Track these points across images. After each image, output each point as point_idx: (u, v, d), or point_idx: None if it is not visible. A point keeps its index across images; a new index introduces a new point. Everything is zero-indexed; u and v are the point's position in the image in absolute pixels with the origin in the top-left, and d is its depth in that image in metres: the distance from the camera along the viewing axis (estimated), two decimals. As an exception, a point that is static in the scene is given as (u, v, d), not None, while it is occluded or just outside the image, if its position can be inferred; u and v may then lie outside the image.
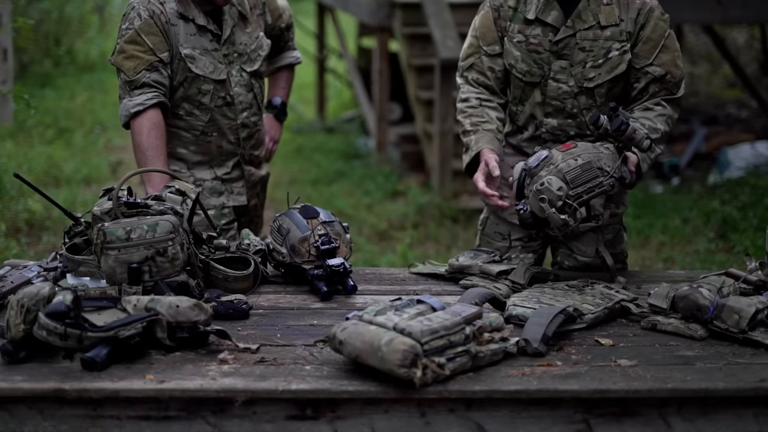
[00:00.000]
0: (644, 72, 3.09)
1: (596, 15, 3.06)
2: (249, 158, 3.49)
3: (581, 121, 3.13)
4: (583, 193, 2.75)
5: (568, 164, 2.75)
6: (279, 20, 3.56)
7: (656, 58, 3.09)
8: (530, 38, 3.10)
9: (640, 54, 3.09)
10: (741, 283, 2.69)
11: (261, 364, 2.29)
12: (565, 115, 3.14)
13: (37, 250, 5.89)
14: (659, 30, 3.09)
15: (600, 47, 3.07)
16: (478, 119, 3.11)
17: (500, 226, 3.24)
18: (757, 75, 10.97)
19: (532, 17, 3.09)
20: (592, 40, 3.07)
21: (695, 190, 7.41)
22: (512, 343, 2.33)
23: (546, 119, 3.15)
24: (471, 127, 3.10)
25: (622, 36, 3.07)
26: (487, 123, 3.10)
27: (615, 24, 3.07)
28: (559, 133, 3.16)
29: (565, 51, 3.09)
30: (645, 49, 3.09)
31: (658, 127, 3.03)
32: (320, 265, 2.80)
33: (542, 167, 2.76)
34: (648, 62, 3.09)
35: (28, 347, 2.26)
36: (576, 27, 3.07)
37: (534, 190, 2.72)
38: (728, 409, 2.22)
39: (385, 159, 8.45)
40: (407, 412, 2.18)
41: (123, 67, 3.20)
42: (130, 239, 2.54)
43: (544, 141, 3.19)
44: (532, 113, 3.18)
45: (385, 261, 6.05)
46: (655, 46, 3.09)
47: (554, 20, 3.08)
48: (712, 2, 7.38)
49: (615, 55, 3.08)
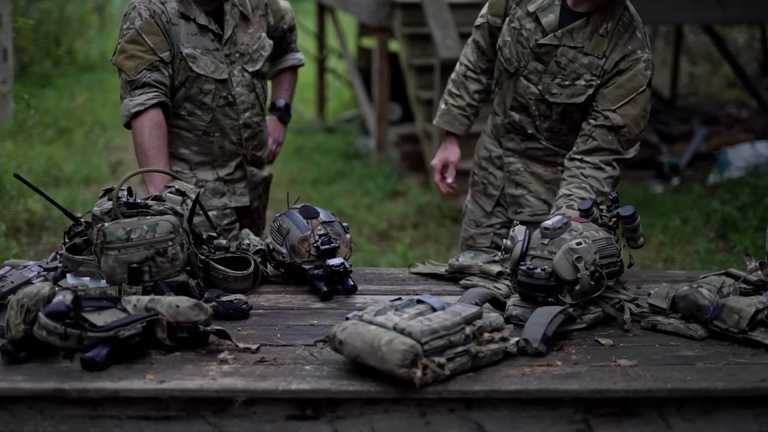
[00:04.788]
0: (604, 115, 3.03)
1: (585, 40, 3.06)
2: (251, 159, 3.49)
3: (538, 125, 3.22)
4: (609, 264, 2.57)
5: (592, 234, 2.58)
6: (281, 21, 3.56)
7: (621, 107, 3.02)
8: (523, 29, 3.14)
9: (607, 97, 3.03)
10: (741, 283, 2.69)
11: (261, 364, 2.29)
12: (526, 114, 3.22)
13: (37, 250, 5.89)
14: (635, 82, 3.03)
15: (573, 70, 3.08)
16: (454, 90, 3.43)
17: (474, 213, 3.48)
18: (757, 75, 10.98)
19: (531, 10, 3.12)
20: (569, 59, 3.08)
21: (695, 190, 7.41)
22: (512, 343, 2.33)
23: (510, 111, 3.23)
24: (447, 95, 3.46)
25: (597, 70, 3.05)
26: (459, 98, 3.41)
27: (598, 56, 3.05)
28: (519, 129, 3.27)
29: (544, 56, 3.11)
30: (614, 94, 3.03)
31: (605, 190, 3.01)
32: (320, 265, 2.80)
33: (564, 230, 2.58)
34: (611, 107, 3.03)
35: (28, 347, 2.26)
36: (562, 41, 3.08)
37: (567, 249, 2.50)
38: (728, 409, 2.22)
39: (385, 159, 8.45)
40: (407, 412, 2.18)
41: (124, 66, 3.20)
42: (130, 239, 2.54)
43: (508, 131, 3.31)
44: (504, 100, 3.27)
45: (385, 261, 6.06)
46: (625, 96, 3.02)
47: (548, 24, 3.10)
48: (712, 2, 7.38)
49: (581, 85, 3.08)
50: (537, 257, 2.57)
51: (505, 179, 3.37)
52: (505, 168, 3.36)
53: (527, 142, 3.29)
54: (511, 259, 2.61)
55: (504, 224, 3.41)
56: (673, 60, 10.48)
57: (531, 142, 3.28)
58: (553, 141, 3.24)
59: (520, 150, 3.32)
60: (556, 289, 2.52)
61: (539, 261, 2.56)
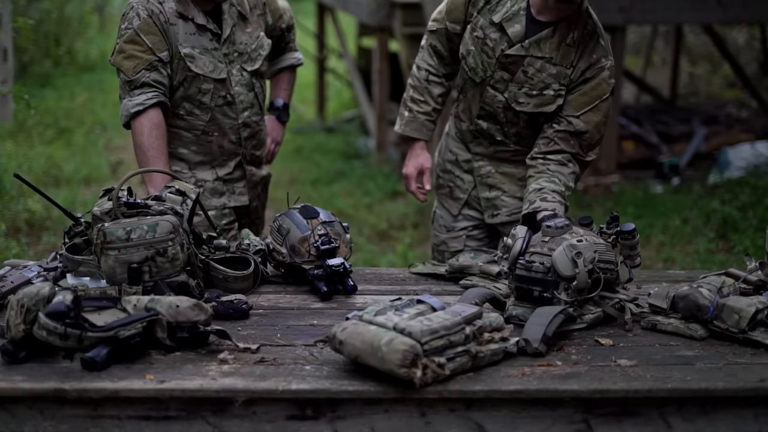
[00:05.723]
0: (568, 120, 3.10)
1: (553, 50, 3.08)
2: (250, 158, 3.49)
3: (506, 131, 3.24)
4: (606, 270, 2.58)
5: (593, 239, 2.61)
6: (280, 21, 3.56)
7: (584, 114, 3.10)
8: (487, 39, 3.14)
9: (572, 103, 3.10)
10: (741, 283, 2.69)
11: (261, 364, 2.29)
12: (494, 122, 3.25)
13: (37, 250, 5.89)
14: (599, 90, 3.10)
15: (540, 80, 3.11)
16: (418, 96, 3.36)
17: (444, 219, 3.47)
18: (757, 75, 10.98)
19: (497, 20, 3.12)
20: (537, 69, 3.10)
21: (695, 190, 7.41)
22: (512, 343, 2.33)
23: (477, 120, 3.25)
24: (410, 102, 3.37)
25: (565, 80, 3.09)
26: (424, 104, 3.35)
27: (565, 66, 3.09)
28: (487, 136, 3.28)
29: (511, 66, 3.12)
30: (578, 101, 3.10)
31: (570, 185, 3.10)
32: (320, 265, 2.80)
33: (565, 231, 2.61)
34: (575, 114, 3.10)
35: (28, 347, 2.26)
36: (530, 51, 3.09)
37: (568, 245, 2.53)
38: (728, 409, 2.22)
39: (385, 159, 8.45)
40: (407, 412, 2.18)
41: (122, 67, 3.20)
42: (130, 239, 2.54)
43: (475, 137, 3.33)
44: (470, 108, 3.28)
45: (385, 261, 6.05)
46: (588, 103, 3.10)
47: (514, 34, 3.10)
48: (712, 2, 7.38)
49: (549, 95, 3.11)
50: (536, 253, 2.59)
51: (476, 183, 3.38)
52: (475, 172, 3.37)
53: (496, 146, 3.31)
54: (510, 255, 2.63)
55: (476, 226, 3.42)
56: (673, 60, 10.48)
57: (499, 146, 3.31)
58: (521, 144, 3.28)
59: (489, 153, 3.34)
60: (553, 284, 2.53)
61: (539, 257, 2.58)
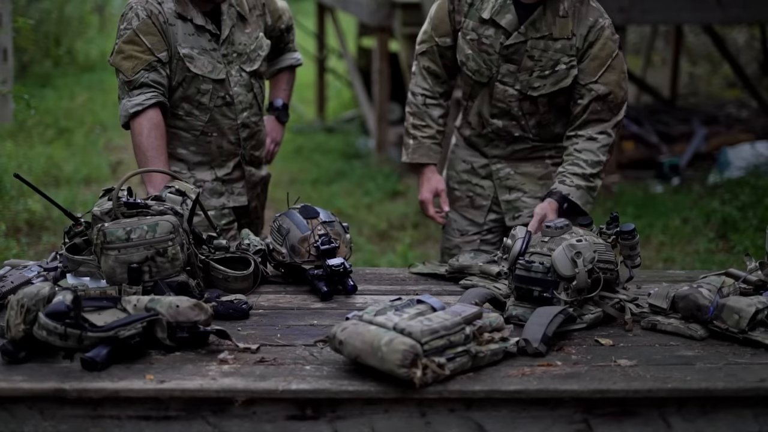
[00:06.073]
0: (588, 89, 3.12)
1: (550, 26, 3.10)
2: (250, 159, 3.49)
3: (525, 125, 3.24)
4: (606, 270, 2.58)
5: (593, 239, 2.61)
6: (279, 21, 3.56)
7: (601, 76, 3.12)
8: (483, 38, 3.14)
9: (586, 71, 3.12)
10: (741, 283, 2.69)
11: (261, 364, 2.29)
12: (510, 117, 3.25)
13: (37, 250, 5.89)
14: (607, 49, 3.12)
15: (549, 58, 3.11)
16: (419, 122, 3.34)
17: (458, 223, 3.46)
18: (757, 75, 10.98)
19: (486, 17, 3.13)
20: (542, 50, 3.10)
21: (695, 190, 7.41)
22: (512, 343, 2.33)
23: (492, 119, 3.24)
24: (412, 129, 3.35)
25: (572, 50, 3.11)
26: (427, 128, 3.33)
27: (567, 38, 3.11)
28: (504, 135, 3.28)
29: (514, 56, 3.12)
30: (591, 66, 3.12)
31: (601, 159, 3.12)
32: (320, 265, 2.80)
33: (565, 231, 2.60)
34: (593, 80, 3.12)
35: (28, 347, 2.26)
36: (528, 35, 3.10)
37: (567, 245, 2.53)
38: (728, 409, 2.22)
39: (385, 159, 8.45)
40: (407, 412, 2.18)
41: (121, 67, 3.20)
42: (130, 239, 2.54)
43: (491, 140, 3.31)
44: (480, 111, 3.27)
45: (385, 261, 6.05)
46: (602, 65, 3.12)
47: (508, 24, 3.11)
48: (712, 2, 7.38)
49: (562, 69, 3.12)
50: (536, 253, 2.59)
51: (496, 187, 3.38)
52: (494, 176, 3.37)
53: (513, 145, 3.31)
54: (510, 255, 2.63)
55: (490, 230, 3.43)
56: (673, 60, 10.48)
57: (517, 144, 3.31)
58: (541, 135, 3.28)
59: (506, 155, 3.34)
60: (552, 284, 2.53)
61: (538, 257, 2.58)
